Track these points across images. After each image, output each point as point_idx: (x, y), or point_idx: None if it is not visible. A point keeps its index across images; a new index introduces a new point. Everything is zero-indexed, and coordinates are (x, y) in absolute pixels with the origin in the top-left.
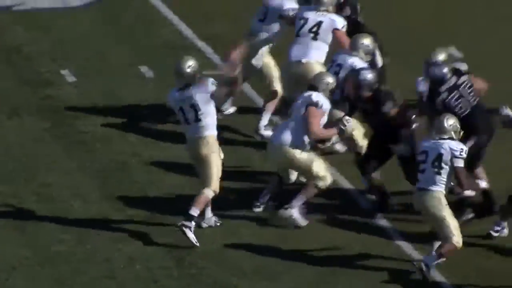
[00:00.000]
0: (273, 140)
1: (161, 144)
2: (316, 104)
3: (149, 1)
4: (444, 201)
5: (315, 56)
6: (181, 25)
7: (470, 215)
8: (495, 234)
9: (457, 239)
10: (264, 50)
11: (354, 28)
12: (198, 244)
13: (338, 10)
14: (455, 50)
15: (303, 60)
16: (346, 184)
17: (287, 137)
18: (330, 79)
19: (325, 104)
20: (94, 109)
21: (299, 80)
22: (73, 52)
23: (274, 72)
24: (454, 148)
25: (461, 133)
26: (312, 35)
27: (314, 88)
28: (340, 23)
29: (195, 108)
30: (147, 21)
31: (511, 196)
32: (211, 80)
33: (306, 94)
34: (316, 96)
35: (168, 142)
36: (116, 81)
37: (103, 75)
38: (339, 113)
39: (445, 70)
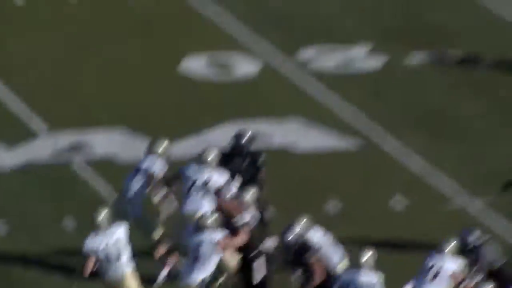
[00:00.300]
0: (181, 281)
1: (84, 285)
2: (220, 239)
3: (71, 165)
4: None
5: (207, 207)
6: (100, 185)
7: None
8: None
9: None
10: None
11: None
12: None
13: (251, 165)
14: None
15: (198, 215)
16: None
17: (194, 276)
18: (213, 217)
19: (222, 231)
20: (24, 256)
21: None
22: (5, 208)
23: (158, 222)
24: (368, 280)
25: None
26: (202, 191)
27: (204, 227)
28: (222, 179)
29: (116, 246)
30: (70, 181)
31: None
32: (124, 222)
33: (205, 236)
34: (215, 233)
35: (89, 282)
36: (43, 234)
37: (32, 228)
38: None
39: (297, 234)
